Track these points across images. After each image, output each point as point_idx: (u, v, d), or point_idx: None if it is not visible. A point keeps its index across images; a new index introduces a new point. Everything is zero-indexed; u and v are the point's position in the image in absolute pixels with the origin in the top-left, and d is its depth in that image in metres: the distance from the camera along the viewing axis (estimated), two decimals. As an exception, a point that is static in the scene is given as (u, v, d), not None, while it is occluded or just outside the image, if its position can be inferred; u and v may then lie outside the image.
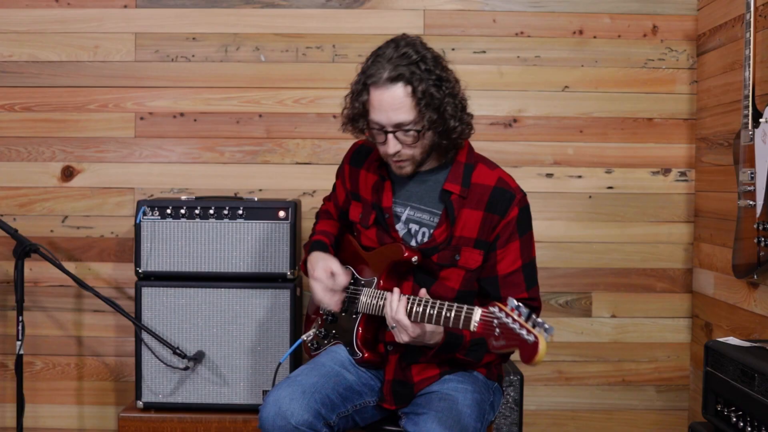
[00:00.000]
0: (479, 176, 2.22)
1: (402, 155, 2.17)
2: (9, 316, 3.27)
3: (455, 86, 2.18)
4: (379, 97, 2.11)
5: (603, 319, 3.34)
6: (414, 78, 2.09)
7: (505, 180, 2.23)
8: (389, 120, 2.12)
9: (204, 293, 2.91)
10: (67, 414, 3.33)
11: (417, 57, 2.11)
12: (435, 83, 2.12)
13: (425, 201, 2.25)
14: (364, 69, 2.15)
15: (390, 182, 2.29)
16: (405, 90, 2.10)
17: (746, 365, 2.19)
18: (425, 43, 2.18)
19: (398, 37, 2.17)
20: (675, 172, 3.32)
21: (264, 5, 3.28)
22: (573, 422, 3.36)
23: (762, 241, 2.56)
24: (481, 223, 2.18)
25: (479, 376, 2.26)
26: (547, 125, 3.31)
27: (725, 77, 3.03)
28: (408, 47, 2.12)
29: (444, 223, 2.20)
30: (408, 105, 2.10)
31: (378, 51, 2.15)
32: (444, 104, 2.13)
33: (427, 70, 2.11)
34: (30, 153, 3.30)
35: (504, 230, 2.18)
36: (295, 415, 2.06)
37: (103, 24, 3.27)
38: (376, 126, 2.15)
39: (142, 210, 2.90)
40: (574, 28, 3.30)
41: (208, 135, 3.30)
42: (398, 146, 2.15)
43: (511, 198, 2.19)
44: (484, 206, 2.18)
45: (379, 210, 2.29)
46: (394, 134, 2.14)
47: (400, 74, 2.09)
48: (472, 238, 2.19)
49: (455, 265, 2.20)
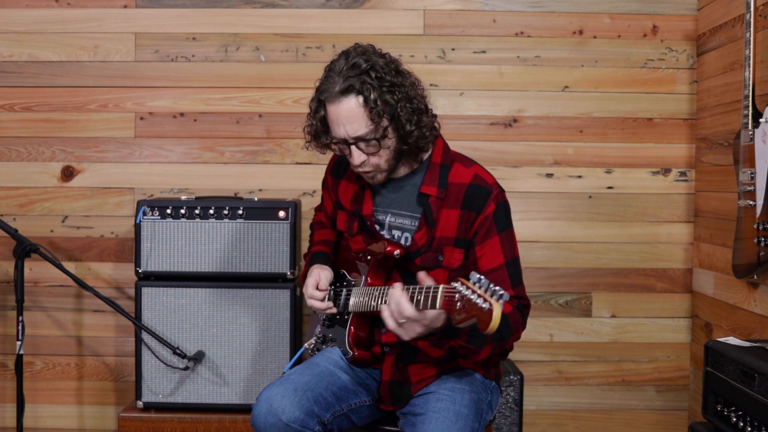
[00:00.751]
0: (455, 175, 2.21)
1: (369, 165, 2.18)
2: (9, 316, 3.27)
3: (410, 90, 2.16)
4: (334, 111, 2.13)
5: (603, 319, 3.34)
6: (365, 88, 2.09)
7: (481, 176, 2.21)
8: (347, 133, 2.13)
9: (204, 293, 2.91)
10: (67, 414, 3.33)
11: (367, 66, 2.10)
12: (388, 89, 2.11)
13: (404, 206, 2.26)
14: (319, 85, 2.17)
15: (370, 191, 2.30)
16: (357, 101, 2.10)
17: (746, 365, 2.19)
18: (379, 50, 2.18)
19: (350, 48, 2.17)
20: (675, 172, 3.32)
21: (264, 5, 3.29)
22: (573, 422, 3.36)
23: (762, 241, 2.56)
24: (459, 221, 2.18)
25: (477, 375, 2.26)
26: (547, 125, 3.31)
27: (725, 77, 3.03)
28: (358, 57, 2.12)
29: (424, 226, 2.21)
30: (361, 115, 2.10)
31: (330, 65, 2.16)
32: (398, 110, 2.12)
33: (378, 78, 2.10)
34: (30, 153, 3.30)
35: (481, 226, 2.17)
36: (286, 412, 2.07)
37: (103, 24, 3.27)
38: (339, 140, 2.17)
39: (142, 210, 2.90)
40: (574, 28, 3.30)
41: (208, 135, 3.31)
42: (363, 156, 2.16)
43: (488, 194, 2.18)
44: (460, 204, 2.18)
45: (360, 218, 2.30)
46: (356, 145, 2.14)
47: (350, 86, 2.09)
48: (452, 237, 2.18)
49: (439, 266, 2.20)
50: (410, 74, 2.20)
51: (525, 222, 3.27)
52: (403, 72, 2.18)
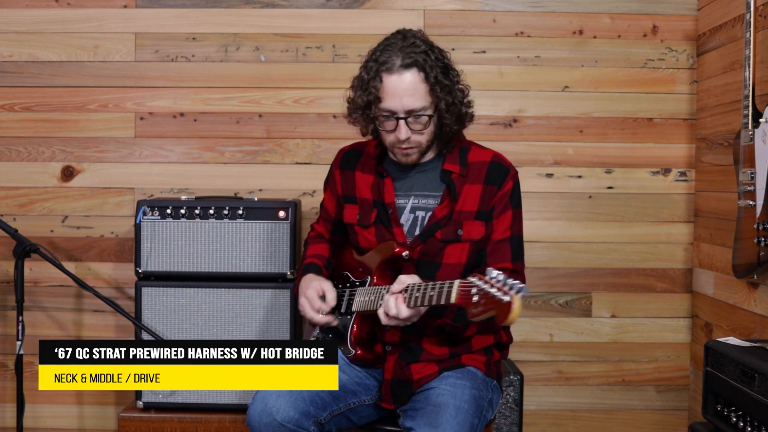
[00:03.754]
0: (475, 155, 2.32)
1: (411, 142, 2.24)
2: (9, 316, 3.27)
3: (459, 76, 2.28)
4: (393, 83, 2.18)
5: (603, 319, 3.34)
6: (427, 65, 2.17)
7: (500, 156, 2.35)
8: (403, 106, 2.18)
9: (204, 293, 2.91)
10: (67, 414, 3.33)
11: (425, 47, 2.20)
12: (443, 72, 2.21)
13: (428, 187, 2.31)
14: (375, 57, 2.21)
15: (390, 178, 2.32)
16: (419, 76, 2.18)
17: (746, 365, 2.19)
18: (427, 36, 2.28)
19: (403, 30, 2.26)
20: (675, 172, 3.32)
21: (264, 5, 3.29)
22: (573, 422, 3.36)
23: (762, 241, 2.56)
24: (481, 196, 2.26)
25: (478, 373, 2.26)
26: (547, 125, 3.31)
27: (725, 77, 3.03)
28: (415, 38, 2.22)
29: (446, 199, 2.27)
30: (422, 90, 2.18)
31: (386, 41, 2.23)
32: (454, 91, 2.23)
33: (437, 59, 2.20)
34: (30, 153, 3.30)
35: (500, 201, 2.27)
36: (281, 412, 2.08)
37: (103, 24, 3.27)
38: (388, 113, 2.21)
39: (142, 210, 2.90)
40: (574, 28, 3.30)
41: (208, 135, 3.31)
42: (409, 132, 2.21)
43: (507, 172, 2.30)
44: (483, 179, 2.27)
45: (381, 207, 2.31)
46: (405, 120, 2.19)
47: (415, 60, 2.17)
48: (473, 211, 2.26)
49: (459, 239, 2.25)
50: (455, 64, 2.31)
51: (525, 222, 3.21)
52: (451, 60, 2.29)
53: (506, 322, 1.79)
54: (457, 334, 2.23)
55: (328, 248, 2.50)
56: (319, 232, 2.54)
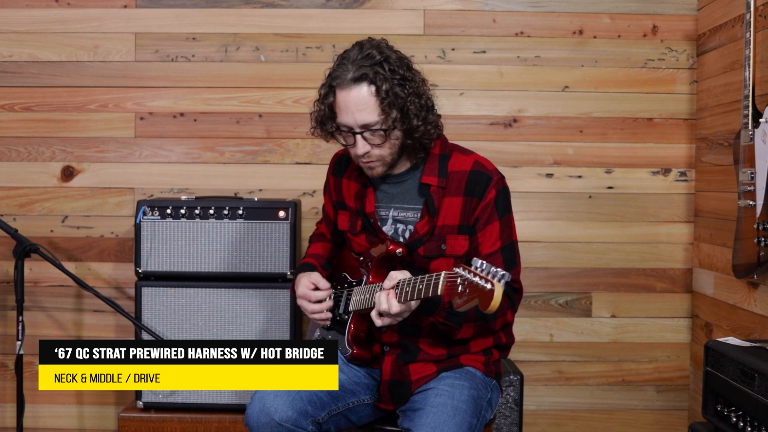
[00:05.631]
0: (455, 164, 2.25)
1: (371, 156, 2.19)
2: (9, 316, 3.27)
3: (420, 86, 2.20)
4: (344, 98, 2.14)
5: (603, 319, 3.34)
6: (377, 78, 2.12)
7: (482, 163, 2.25)
8: (355, 120, 2.15)
9: (204, 293, 2.91)
10: (67, 414, 3.33)
11: (381, 57, 2.14)
12: (399, 83, 2.14)
13: (407, 199, 2.27)
14: (332, 71, 2.19)
15: (372, 188, 2.32)
16: (369, 90, 2.13)
17: (746, 365, 2.19)
18: (391, 45, 2.21)
19: (364, 40, 2.20)
20: (675, 172, 3.32)
21: (264, 5, 3.29)
22: (573, 422, 3.36)
23: (762, 241, 2.56)
24: (462, 209, 2.21)
25: (477, 372, 2.26)
26: (547, 125, 3.31)
27: (725, 77, 3.03)
28: (372, 49, 2.15)
29: (426, 215, 2.23)
30: (372, 104, 2.13)
31: (343, 54, 2.19)
32: (407, 103, 2.15)
33: (391, 70, 2.14)
34: (30, 153, 3.30)
35: (483, 212, 2.20)
36: (279, 411, 2.09)
37: (103, 24, 3.27)
38: (345, 128, 2.18)
39: (142, 210, 2.90)
40: (574, 28, 3.30)
41: (208, 135, 3.31)
42: (367, 147, 2.17)
43: (488, 180, 2.21)
44: (462, 191, 2.21)
45: (363, 216, 2.31)
46: (361, 135, 2.16)
47: (364, 74, 2.12)
48: (455, 225, 2.21)
49: (443, 254, 2.22)
50: (419, 72, 2.24)
51: (525, 222, 3.27)
52: (412, 69, 2.22)
53: (488, 309, 1.79)
54: (450, 334, 2.21)
55: (328, 248, 2.51)
56: (322, 232, 2.55)
